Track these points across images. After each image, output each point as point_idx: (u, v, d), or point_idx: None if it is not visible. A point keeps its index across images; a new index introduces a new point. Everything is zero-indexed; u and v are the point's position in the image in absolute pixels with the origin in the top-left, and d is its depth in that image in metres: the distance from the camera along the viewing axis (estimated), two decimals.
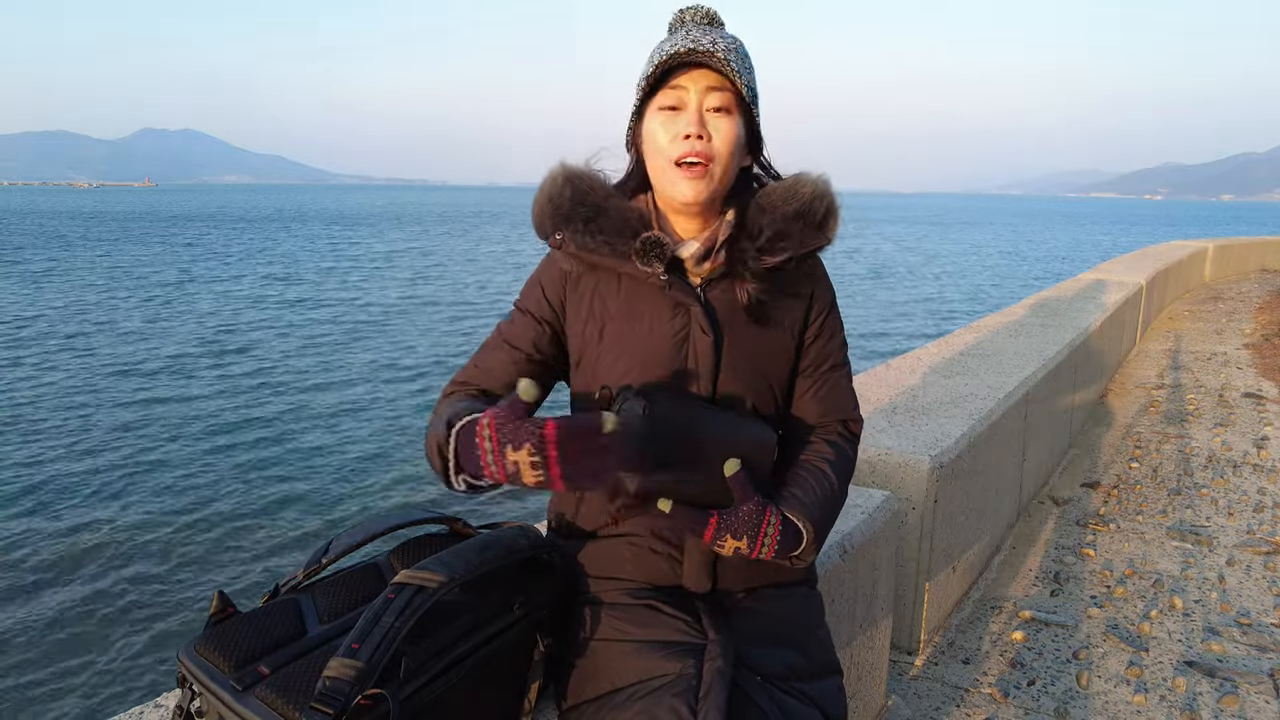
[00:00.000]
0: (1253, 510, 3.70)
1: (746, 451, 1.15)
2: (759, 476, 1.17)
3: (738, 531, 1.12)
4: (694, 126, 1.14)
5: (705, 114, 1.16)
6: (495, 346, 1.31)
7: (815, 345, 1.32)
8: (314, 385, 13.93)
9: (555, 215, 1.22)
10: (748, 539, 1.12)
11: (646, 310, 1.22)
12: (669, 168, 1.17)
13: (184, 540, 7.80)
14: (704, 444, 1.14)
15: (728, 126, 1.16)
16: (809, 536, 1.18)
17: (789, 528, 1.16)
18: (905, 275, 33.16)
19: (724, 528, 1.12)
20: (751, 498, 1.13)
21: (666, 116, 1.17)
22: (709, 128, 1.15)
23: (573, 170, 1.24)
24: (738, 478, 1.12)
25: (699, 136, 1.14)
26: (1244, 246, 13.24)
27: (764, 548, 1.13)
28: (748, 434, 1.18)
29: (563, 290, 1.27)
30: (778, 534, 1.14)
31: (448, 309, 22.90)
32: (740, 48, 1.19)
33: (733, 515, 1.12)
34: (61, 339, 17.55)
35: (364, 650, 0.90)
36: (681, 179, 1.16)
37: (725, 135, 1.16)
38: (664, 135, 1.17)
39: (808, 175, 1.26)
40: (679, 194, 1.18)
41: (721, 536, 1.12)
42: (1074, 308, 5.35)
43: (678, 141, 1.15)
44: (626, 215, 1.22)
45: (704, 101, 1.16)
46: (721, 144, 1.16)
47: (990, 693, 2.35)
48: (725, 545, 1.13)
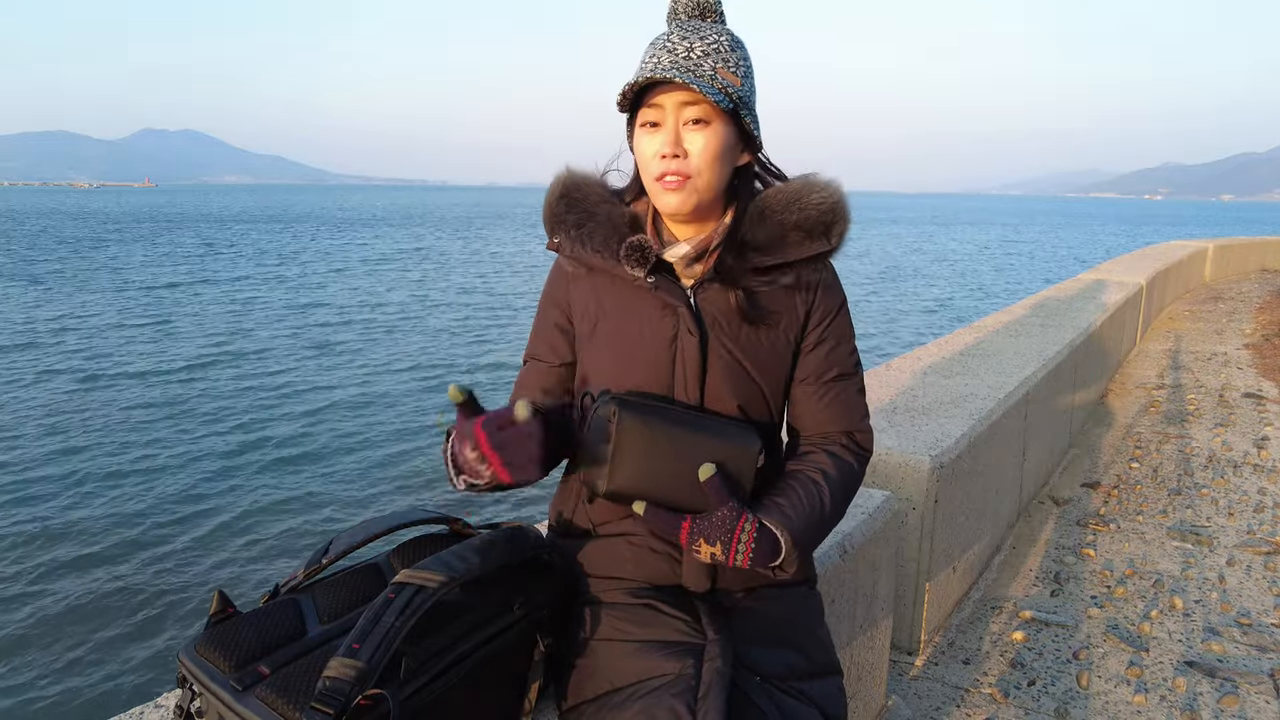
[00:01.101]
0: (1253, 510, 3.70)
1: (725, 457, 1.14)
2: (740, 483, 1.15)
3: (711, 537, 1.11)
4: (669, 146, 1.15)
5: (682, 129, 1.15)
6: (526, 362, 1.37)
7: (817, 352, 1.29)
8: (314, 385, 13.93)
9: (552, 219, 1.27)
10: (721, 544, 1.11)
11: (637, 312, 1.23)
12: (653, 183, 1.19)
13: (184, 540, 7.81)
14: (680, 448, 1.12)
15: (705, 139, 1.15)
16: (787, 547, 1.14)
17: (765, 536, 1.13)
18: (913, 274, 33.17)
19: (697, 532, 1.11)
20: (725, 502, 1.12)
21: (646, 132, 1.18)
22: (686, 144, 1.15)
23: (570, 176, 1.28)
24: (712, 482, 1.11)
25: (674, 155, 1.15)
26: (1244, 246, 13.24)
27: (738, 555, 1.11)
28: (729, 439, 1.16)
29: (567, 292, 1.30)
30: (752, 541, 1.11)
31: (448, 310, 22.90)
32: (721, 48, 1.16)
33: (706, 520, 1.12)
34: (61, 341, 17.55)
35: (364, 650, 0.90)
36: (663, 192, 1.18)
37: (702, 149, 1.15)
38: (646, 151, 1.18)
39: (817, 180, 1.25)
40: (663, 206, 1.20)
41: (695, 541, 1.12)
42: (1074, 308, 5.35)
43: (656, 159, 1.16)
44: (615, 220, 1.24)
45: (680, 116, 1.15)
46: (699, 159, 1.15)
47: (990, 693, 2.35)
48: (701, 550, 1.12)
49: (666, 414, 1.16)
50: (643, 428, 1.11)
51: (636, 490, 1.12)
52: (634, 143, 1.22)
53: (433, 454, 10.41)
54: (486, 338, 18.78)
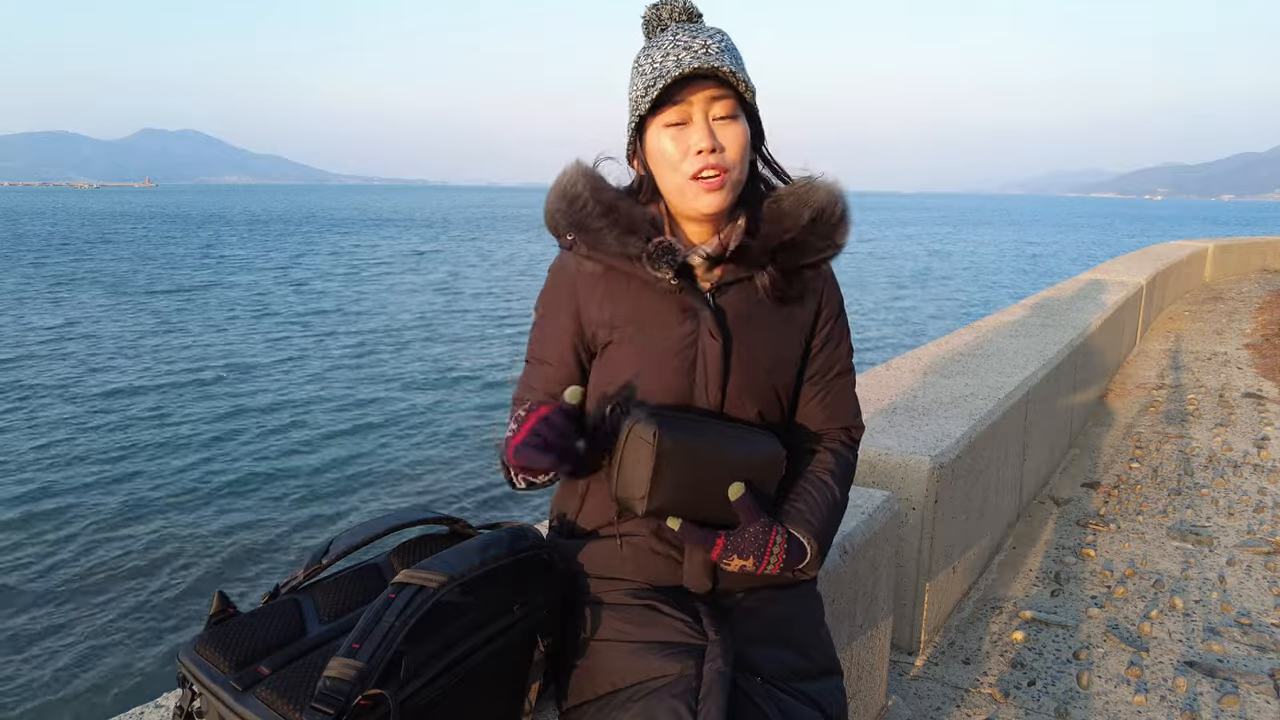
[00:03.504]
0: (1253, 510, 3.70)
1: (755, 469, 1.17)
2: (767, 495, 1.19)
3: (744, 551, 1.15)
4: (706, 140, 1.14)
5: (713, 124, 1.15)
6: (531, 365, 1.33)
7: (824, 352, 1.31)
8: (314, 386, 13.93)
9: (569, 212, 1.22)
10: (754, 558, 1.16)
11: (656, 314, 1.22)
12: (687, 183, 1.16)
13: (184, 540, 7.81)
14: (715, 463, 1.14)
15: (736, 133, 1.16)
16: (813, 551, 1.21)
17: (794, 544, 1.19)
18: (925, 274, 33.14)
19: (731, 548, 1.15)
20: (756, 520, 1.16)
21: (675, 132, 1.15)
22: (719, 138, 1.15)
23: (587, 170, 1.24)
24: (743, 501, 1.14)
25: (712, 150, 1.14)
26: (1244, 246, 13.22)
27: (770, 565, 1.17)
28: (758, 451, 1.18)
29: (575, 298, 1.26)
30: (784, 552, 1.17)
31: (450, 310, 22.89)
32: (728, 43, 1.16)
33: (739, 536, 1.15)
34: (62, 343, 17.55)
35: (364, 650, 0.90)
36: (702, 192, 1.16)
37: (736, 142, 1.16)
38: (675, 151, 1.15)
39: (820, 181, 1.25)
40: (701, 206, 1.17)
41: (728, 555, 1.16)
42: (1074, 308, 5.35)
43: (692, 157, 1.14)
44: (637, 218, 1.21)
45: (710, 111, 1.15)
46: (734, 152, 1.16)
47: (990, 693, 2.35)
48: (732, 563, 1.16)
49: (701, 430, 1.15)
50: (682, 447, 1.11)
51: (675, 508, 1.13)
52: (651, 146, 1.18)
53: (433, 454, 10.42)
54: (490, 341, 18.77)
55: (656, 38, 1.18)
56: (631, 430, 1.11)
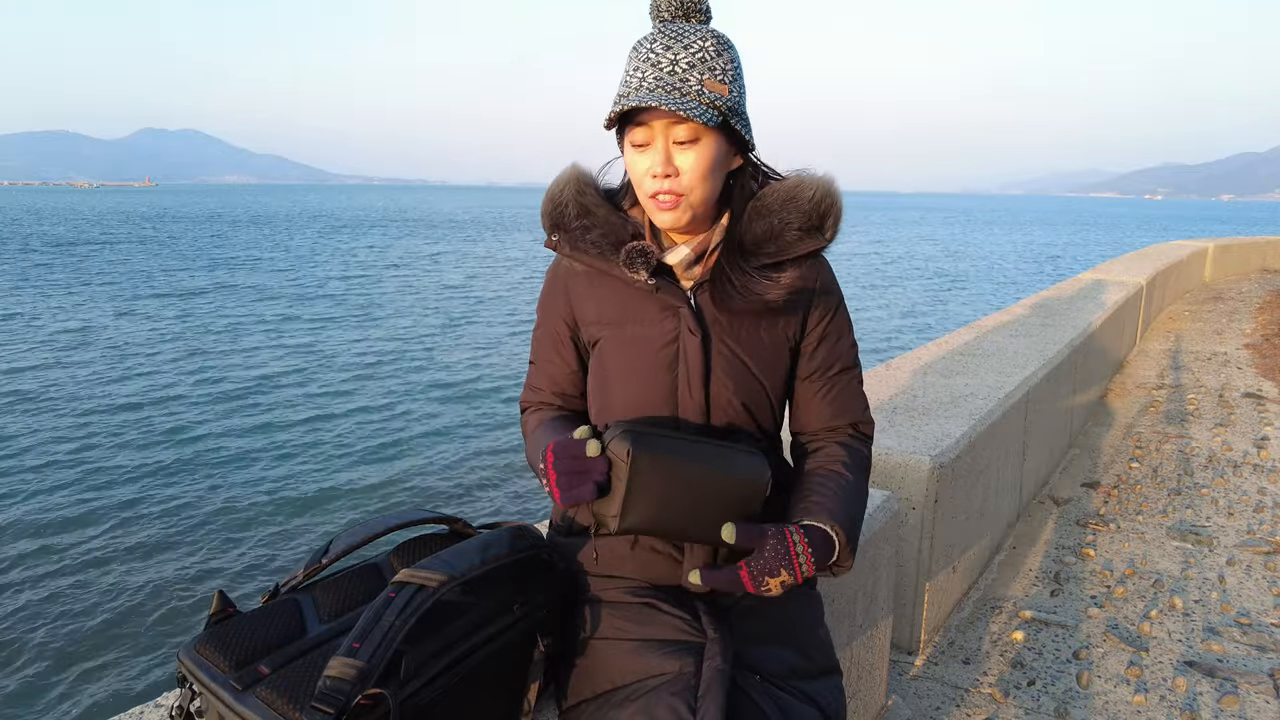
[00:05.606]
0: (1253, 510, 3.70)
1: (735, 488, 1.12)
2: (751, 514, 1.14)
3: (773, 569, 1.10)
4: (660, 166, 1.14)
5: (672, 148, 1.14)
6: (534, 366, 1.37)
7: (821, 348, 1.30)
8: (313, 386, 13.93)
9: (552, 214, 1.26)
10: (784, 569, 1.10)
11: (639, 313, 1.24)
12: (647, 199, 1.19)
13: (184, 540, 7.81)
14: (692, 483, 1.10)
15: (695, 158, 1.14)
16: (840, 539, 1.16)
17: (815, 536, 1.14)
18: (931, 273, 33.14)
19: (759, 572, 1.10)
20: (765, 538, 1.11)
21: (636, 152, 1.17)
22: (676, 163, 1.15)
23: (575, 174, 1.26)
24: (740, 534, 1.10)
25: (665, 175, 1.14)
26: (1244, 246, 13.22)
27: (804, 568, 1.11)
28: (738, 469, 1.13)
29: (567, 299, 1.30)
30: (809, 549, 1.12)
31: (452, 312, 22.89)
32: (707, 55, 1.13)
33: (760, 559, 1.11)
34: (63, 345, 17.55)
35: (364, 650, 0.90)
36: (657, 211, 1.18)
37: (693, 168, 1.15)
38: (638, 170, 1.17)
39: (810, 176, 1.25)
40: (659, 222, 1.20)
41: (761, 579, 1.11)
42: (1074, 308, 5.35)
43: (648, 179, 1.16)
44: (614, 224, 1.23)
45: (669, 135, 1.14)
46: (690, 176, 1.15)
47: (990, 693, 2.35)
48: (771, 586, 1.11)
49: (678, 448, 1.11)
50: (656, 466, 1.08)
51: (649, 527, 1.10)
52: (625, 158, 1.21)
53: (433, 455, 10.42)
54: (491, 341, 18.77)
55: (648, 34, 1.18)
56: (607, 446, 1.09)
